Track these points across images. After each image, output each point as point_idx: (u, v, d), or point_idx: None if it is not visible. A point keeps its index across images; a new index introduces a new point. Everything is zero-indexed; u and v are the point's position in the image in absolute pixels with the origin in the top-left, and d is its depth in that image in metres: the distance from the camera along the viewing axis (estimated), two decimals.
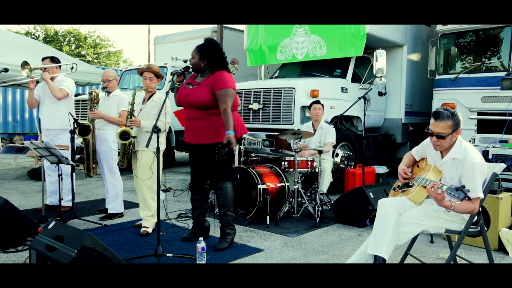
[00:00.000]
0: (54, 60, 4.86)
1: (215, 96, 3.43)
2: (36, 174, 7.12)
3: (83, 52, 28.89)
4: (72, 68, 5.13)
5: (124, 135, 3.94)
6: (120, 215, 4.68)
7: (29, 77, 4.56)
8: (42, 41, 25.93)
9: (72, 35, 28.70)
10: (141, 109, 4.09)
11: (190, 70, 3.64)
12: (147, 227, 4.08)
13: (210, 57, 3.52)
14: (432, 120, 2.67)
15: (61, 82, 4.78)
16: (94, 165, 4.58)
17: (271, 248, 3.73)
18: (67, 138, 4.64)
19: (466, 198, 2.35)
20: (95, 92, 4.52)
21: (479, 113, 5.83)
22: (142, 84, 4.12)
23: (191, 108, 3.57)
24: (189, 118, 3.64)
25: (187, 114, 3.64)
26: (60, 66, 4.95)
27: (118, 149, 4.18)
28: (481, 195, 2.59)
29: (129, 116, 4.07)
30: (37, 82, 4.86)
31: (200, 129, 3.55)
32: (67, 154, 4.53)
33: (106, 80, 4.55)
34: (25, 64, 4.50)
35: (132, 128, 4.00)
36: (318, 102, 5.54)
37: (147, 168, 3.97)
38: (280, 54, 7.25)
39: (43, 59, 4.88)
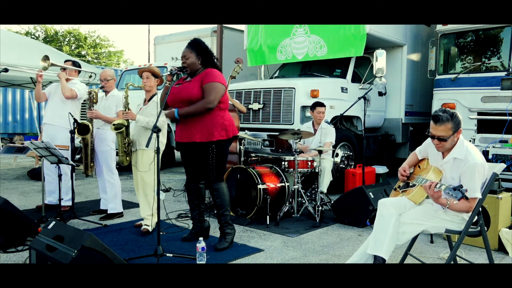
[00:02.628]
0: (75, 64, 5.09)
1: (203, 89, 3.42)
2: (36, 174, 7.12)
3: (83, 52, 28.88)
4: (90, 76, 5.27)
5: (118, 126, 3.98)
6: (120, 215, 4.68)
7: (45, 70, 4.78)
8: (42, 41, 25.93)
9: (72, 35, 28.69)
10: (141, 108, 4.10)
11: (186, 71, 3.57)
12: (148, 225, 4.09)
13: (203, 52, 3.53)
14: (432, 123, 2.67)
15: (74, 85, 4.91)
16: (92, 164, 4.60)
17: (271, 248, 3.73)
18: (65, 137, 4.66)
19: (464, 198, 2.36)
20: (94, 92, 4.53)
21: (479, 113, 5.83)
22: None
23: (184, 105, 3.53)
24: None
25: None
26: (79, 72, 5.14)
27: (117, 149, 4.19)
28: (479, 196, 2.60)
29: (124, 109, 4.09)
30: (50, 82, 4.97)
31: (191, 127, 3.51)
32: (67, 154, 4.53)
33: (104, 79, 4.58)
34: (46, 58, 4.76)
35: (128, 121, 4.03)
36: (321, 104, 5.50)
37: (147, 166, 3.98)
38: (280, 54, 7.25)
39: (66, 61, 5.12)
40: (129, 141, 4.10)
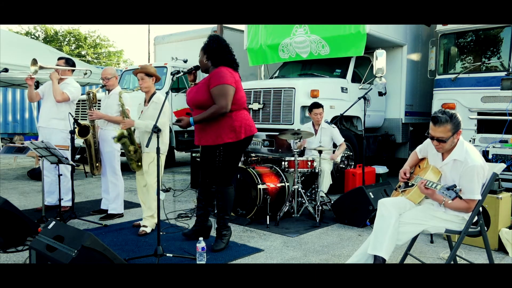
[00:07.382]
0: (68, 62, 4.89)
1: (211, 93, 3.40)
2: (36, 174, 7.12)
3: (83, 52, 28.89)
4: (85, 74, 5.15)
5: (118, 137, 3.94)
6: (120, 215, 4.68)
7: (36, 73, 4.58)
8: (42, 41, 25.93)
9: (72, 35, 28.70)
10: (142, 111, 4.08)
11: (197, 69, 3.66)
12: (146, 226, 4.08)
13: (210, 50, 3.51)
14: (431, 124, 2.67)
15: (67, 85, 4.77)
16: (97, 164, 4.58)
17: (271, 248, 3.73)
18: (61, 138, 4.64)
19: (457, 198, 2.37)
20: (93, 93, 4.51)
21: (479, 113, 5.83)
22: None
23: (195, 109, 3.56)
24: None
25: (194, 114, 3.60)
26: (73, 70, 4.96)
27: (121, 149, 4.18)
28: (478, 197, 2.60)
29: (123, 118, 4.06)
30: (37, 82, 4.87)
31: (201, 130, 3.55)
32: (67, 154, 4.52)
33: (105, 78, 4.53)
34: (34, 62, 4.54)
35: (134, 130, 3.99)
36: (318, 106, 5.48)
37: (146, 167, 3.97)
38: (282, 53, 7.24)
39: (59, 58, 4.92)
40: (136, 148, 4.03)
